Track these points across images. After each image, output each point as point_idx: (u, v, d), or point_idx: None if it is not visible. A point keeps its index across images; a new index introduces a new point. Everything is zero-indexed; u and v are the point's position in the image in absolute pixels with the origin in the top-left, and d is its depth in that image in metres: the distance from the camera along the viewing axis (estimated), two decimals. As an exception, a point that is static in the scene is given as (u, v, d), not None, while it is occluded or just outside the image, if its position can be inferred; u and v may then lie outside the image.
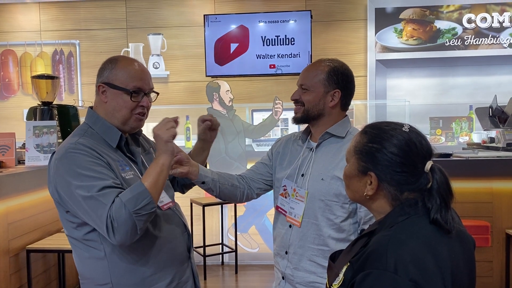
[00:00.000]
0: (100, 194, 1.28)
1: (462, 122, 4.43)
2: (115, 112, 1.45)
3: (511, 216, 3.02)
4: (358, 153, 1.05)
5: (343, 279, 0.99)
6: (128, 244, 1.32)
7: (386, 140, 1.02)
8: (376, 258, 0.93)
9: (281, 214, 1.67)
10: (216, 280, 3.99)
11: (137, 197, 1.28)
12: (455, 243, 1.00)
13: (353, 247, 1.05)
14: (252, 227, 4.37)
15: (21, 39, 5.21)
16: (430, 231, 0.98)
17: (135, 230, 1.28)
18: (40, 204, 2.88)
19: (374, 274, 0.92)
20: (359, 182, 1.06)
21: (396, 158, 1.00)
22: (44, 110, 3.27)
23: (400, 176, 1.01)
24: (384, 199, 1.04)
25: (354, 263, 0.98)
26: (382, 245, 0.95)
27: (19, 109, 5.18)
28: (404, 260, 0.91)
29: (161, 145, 1.38)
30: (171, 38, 5.10)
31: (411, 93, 4.92)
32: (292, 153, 1.69)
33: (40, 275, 2.93)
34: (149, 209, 1.30)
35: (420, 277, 0.90)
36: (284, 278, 1.64)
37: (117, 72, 1.44)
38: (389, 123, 1.06)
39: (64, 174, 1.33)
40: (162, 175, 1.36)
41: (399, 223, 0.99)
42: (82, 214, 1.33)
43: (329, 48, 4.92)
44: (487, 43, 4.81)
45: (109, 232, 1.27)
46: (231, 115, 4.25)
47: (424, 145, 1.03)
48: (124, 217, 1.26)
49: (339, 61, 1.63)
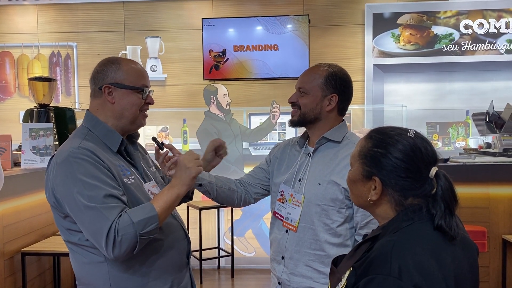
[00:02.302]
0: (104, 207, 1.27)
1: (459, 127, 4.45)
2: (124, 112, 1.44)
3: (507, 222, 3.02)
4: (363, 157, 1.05)
5: (346, 284, 0.98)
6: (120, 261, 1.32)
7: (391, 145, 1.02)
8: (380, 263, 0.93)
9: (277, 219, 1.67)
10: (212, 284, 3.98)
11: (147, 221, 1.28)
12: (458, 249, 1.00)
13: (356, 252, 1.04)
14: (248, 231, 4.36)
15: (18, 41, 5.20)
16: (434, 237, 0.98)
17: (134, 249, 1.28)
18: (36, 207, 2.87)
19: (377, 279, 0.91)
20: (363, 187, 1.05)
21: (401, 163, 1.00)
22: (41, 112, 3.26)
23: (404, 182, 1.00)
24: (388, 204, 1.03)
25: (357, 268, 0.97)
26: (386, 250, 0.95)
27: (15, 111, 5.16)
28: (408, 265, 0.91)
29: (187, 179, 1.38)
30: (169, 41, 5.10)
31: (408, 98, 4.94)
32: (290, 158, 1.69)
33: (35, 279, 2.91)
34: (153, 234, 1.31)
35: (424, 283, 0.89)
36: (280, 284, 1.63)
37: (124, 72, 1.44)
38: (394, 128, 1.06)
39: (65, 180, 1.31)
40: (174, 205, 1.38)
41: (403, 228, 0.99)
42: (78, 222, 1.31)
43: (327, 52, 4.93)
44: (484, 49, 4.83)
45: (107, 245, 1.25)
46: (229, 119, 4.25)
47: (429, 150, 1.02)
48: (131, 236, 1.26)
49: (338, 66, 1.63)
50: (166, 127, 4.68)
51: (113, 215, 1.26)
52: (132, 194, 1.39)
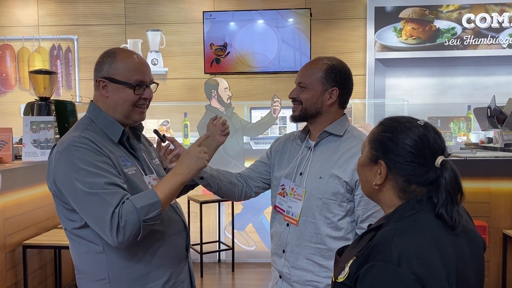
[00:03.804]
0: (106, 193, 1.26)
1: (460, 122, 4.43)
2: (117, 107, 1.42)
3: (508, 216, 3.02)
4: (372, 142, 1.07)
5: (349, 272, 0.99)
6: (124, 247, 1.32)
7: (400, 130, 1.03)
8: (380, 250, 0.94)
9: (278, 213, 1.66)
10: (212, 278, 3.99)
11: (150, 207, 1.28)
12: (461, 241, 1.00)
13: (359, 242, 1.05)
14: (249, 225, 4.37)
15: (18, 34, 5.18)
16: (436, 227, 0.98)
17: (137, 235, 1.28)
18: (37, 200, 2.87)
19: (377, 266, 0.92)
20: (369, 171, 1.07)
21: (408, 148, 1.01)
22: (42, 106, 3.25)
23: (409, 166, 1.01)
24: (392, 191, 1.04)
25: (360, 256, 0.98)
26: (387, 238, 0.96)
27: (16, 104, 5.16)
28: (408, 253, 0.91)
29: (194, 168, 1.37)
30: (170, 35, 5.08)
31: (410, 93, 4.92)
32: (291, 152, 1.69)
33: (36, 271, 2.92)
34: (156, 220, 1.31)
35: (423, 272, 0.89)
36: (281, 277, 1.64)
37: (117, 66, 1.41)
38: (405, 117, 1.08)
39: (65, 168, 1.30)
40: (177, 192, 1.38)
41: (406, 217, 0.99)
42: (80, 210, 1.31)
43: (328, 46, 4.91)
44: (486, 43, 4.80)
45: (112, 231, 1.24)
46: (229, 113, 4.25)
47: (437, 140, 1.03)
48: (134, 221, 1.25)
49: (337, 59, 1.62)
50: (167, 121, 4.67)
51: (116, 201, 1.26)
52: (133, 184, 1.39)
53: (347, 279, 0.99)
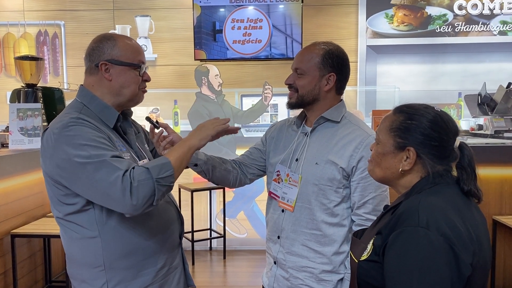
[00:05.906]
0: (114, 160, 1.23)
1: (451, 109, 4.45)
2: (122, 89, 1.41)
3: (498, 203, 3.05)
4: (395, 130, 1.13)
5: (373, 248, 1.06)
6: (139, 213, 1.24)
7: (423, 116, 1.11)
8: (408, 217, 1.01)
9: (273, 200, 1.65)
10: (204, 265, 3.99)
11: (161, 167, 1.25)
12: (476, 212, 1.09)
13: (378, 223, 1.12)
14: (240, 212, 4.37)
15: (3, 19, 5.05)
16: (458, 197, 1.07)
17: (152, 199, 1.23)
18: (25, 188, 2.82)
19: (406, 230, 0.98)
20: (393, 158, 1.13)
21: (432, 133, 1.09)
22: (28, 93, 3.18)
23: (436, 150, 1.09)
24: (418, 173, 1.11)
25: (383, 229, 1.05)
26: (413, 205, 1.03)
27: (2, 91, 5.05)
28: (435, 217, 0.98)
29: (204, 134, 1.40)
30: (159, 20, 5.00)
31: (401, 80, 4.92)
32: (287, 138, 1.67)
33: (25, 260, 2.88)
34: (169, 182, 1.26)
35: (451, 234, 0.96)
36: (276, 263, 1.63)
37: (120, 48, 1.40)
38: (419, 104, 1.16)
39: (67, 146, 1.24)
40: (187, 157, 1.35)
41: (427, 189, 1.07)
42: (85, 185, 1.24)
43: (320, 33, 4.87)
44: (477, 30, 4.81)
45: (125, 193, 1.18)
46: (220, 100, 4.20)
47: (453, 122, 1.13)
48: (147, 180, 1.21)
49: (334, 44, 1.59)
50: (157, 108, 4.61)
51: (125, 166, 1.23)
52: None
53: (372, 255, 1.05)
